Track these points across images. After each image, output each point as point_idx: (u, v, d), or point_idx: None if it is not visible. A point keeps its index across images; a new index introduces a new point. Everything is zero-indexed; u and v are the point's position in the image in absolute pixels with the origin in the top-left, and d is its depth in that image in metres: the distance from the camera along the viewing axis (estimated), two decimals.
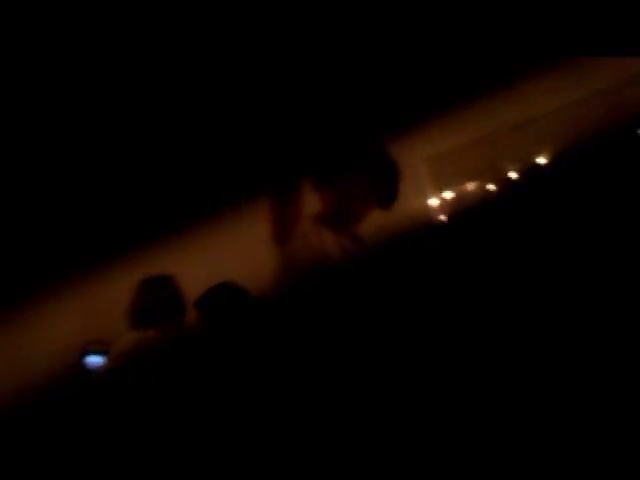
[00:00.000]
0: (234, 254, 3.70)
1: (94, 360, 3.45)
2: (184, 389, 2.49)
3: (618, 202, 2.52)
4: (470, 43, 3.69)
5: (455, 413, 2.05)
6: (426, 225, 4.15)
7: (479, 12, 3.43)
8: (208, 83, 3.49)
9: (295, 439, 2.04)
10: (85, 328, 3.74)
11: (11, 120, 3.32)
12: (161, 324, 2.78)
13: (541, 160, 4.22)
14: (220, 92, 3.53)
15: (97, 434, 2.56)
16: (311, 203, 2.21)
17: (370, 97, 3.85)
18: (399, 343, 2.09)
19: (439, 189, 4.88)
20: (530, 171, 4.10)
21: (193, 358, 2.59)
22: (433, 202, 4.90)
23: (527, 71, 4.16)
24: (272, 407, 2.19)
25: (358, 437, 1.98)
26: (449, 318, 2.20)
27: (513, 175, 4.32)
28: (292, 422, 2.06)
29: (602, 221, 2.45)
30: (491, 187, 4.43)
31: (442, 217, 4.74)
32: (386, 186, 2.30)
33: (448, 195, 4.87)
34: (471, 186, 4.77)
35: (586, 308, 2.23)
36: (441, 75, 3.99)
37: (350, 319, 2.07)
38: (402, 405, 2.02)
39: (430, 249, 2.51)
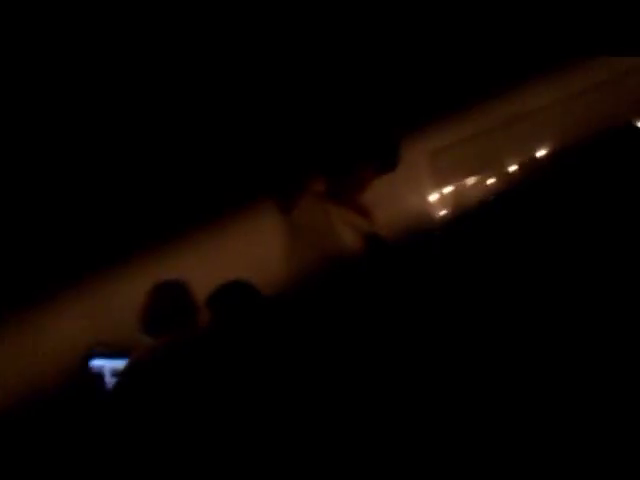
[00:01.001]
0: (242, 252, 3.71)
1: (99, 363, 3.45)
2: (200, 389, 2.50)
3: (619, 196, 2.52)
4: (469, 38, 3.70)
5: (455, 413, 2.05)
6: (426, 220, 4.14)
7: (477, 8, 3.44)
8: (212, 82, 3.50)
9: (310, 435, 2.04)
10: (92, 330, 3.74)
11: (29, 125, 3.33)
12: (177, 328, 2.78)
13: (541, 153, 4.21)
14: (224, 88, 3.53)
15: (107, 438, 2.56)
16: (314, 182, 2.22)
17: (369, 93, 3.85)
18: (398, 342, 2.09)
19: (439, 184, 4.88)
20: (530, 165, 4.10)
21: (208, 358, 2.59)
22: (433, 197, 4.90)
23: (525, 64, 4.16)
24: (285, 404, 2.20)
25: (367, 434, 1.98)
26: (448, 314, 2.20)
27: (513, 169, 4.32)
28: (306, 418, 2.06)
29: (603, 214, 2.44)
30: (491, 181, 4.42)
31: (442, 212, 4.74)
32: (386, 154, 2.31)
33: (448, 190, 4.87)
34: (471, 180, 4.77)
35: (586, 304, 2.23)
36: (440, 70, 3.99)
37: (358, 311, 2.07)
38: (406, 403, 2.02)
39: (430, 244, 2.51)
